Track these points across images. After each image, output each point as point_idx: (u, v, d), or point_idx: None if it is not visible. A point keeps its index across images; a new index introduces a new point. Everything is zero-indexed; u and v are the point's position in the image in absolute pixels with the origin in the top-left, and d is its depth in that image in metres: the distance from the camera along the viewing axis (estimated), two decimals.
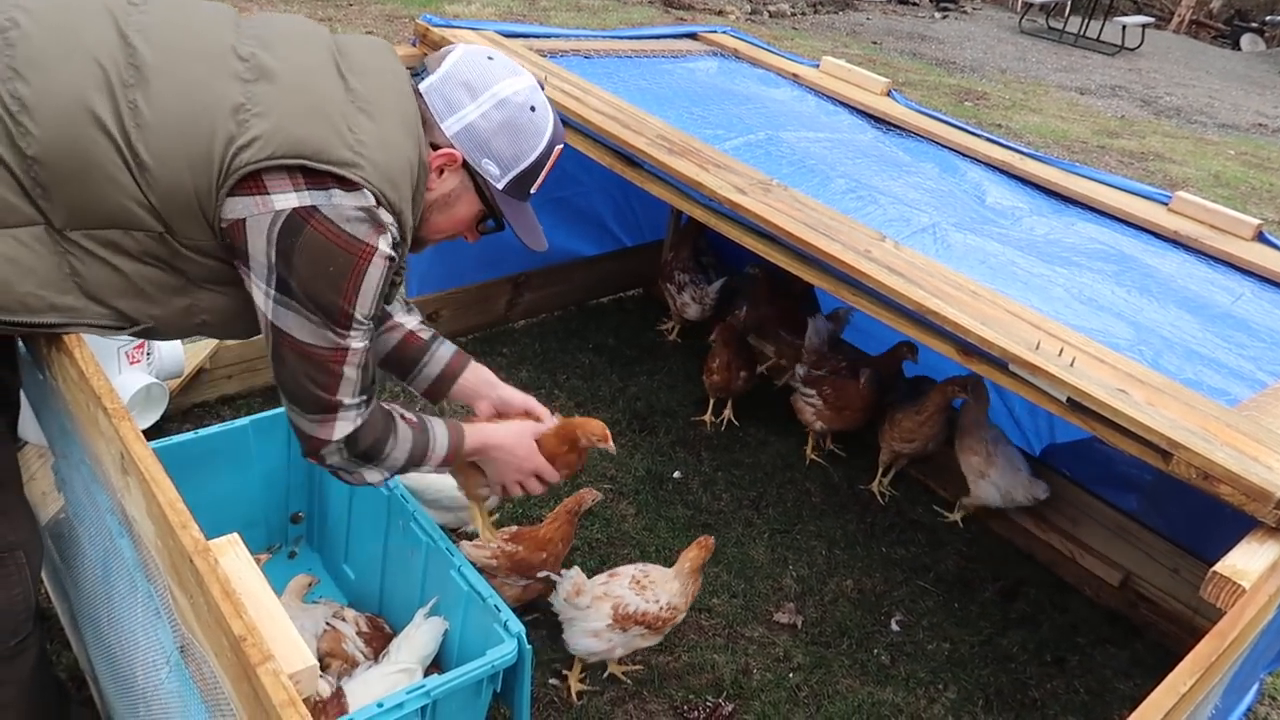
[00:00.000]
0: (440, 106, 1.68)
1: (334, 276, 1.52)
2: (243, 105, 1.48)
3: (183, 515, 1.29)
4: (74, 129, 1.42)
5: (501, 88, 1.68)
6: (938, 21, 13.87)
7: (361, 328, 1.59)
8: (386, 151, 1.55)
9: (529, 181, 1.77)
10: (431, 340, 2.15)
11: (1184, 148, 9.18)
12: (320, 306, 1.54)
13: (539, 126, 1.72)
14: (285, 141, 1.47)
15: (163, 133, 1.46)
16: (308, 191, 1.49)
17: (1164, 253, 2.73)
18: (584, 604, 2.42)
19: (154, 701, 1.59)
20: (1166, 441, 1.76)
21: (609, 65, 3.38)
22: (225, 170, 1.46)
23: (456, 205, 1.76)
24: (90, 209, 1.47)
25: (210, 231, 1.52)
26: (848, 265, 2.17)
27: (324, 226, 1.49)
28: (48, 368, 1.72)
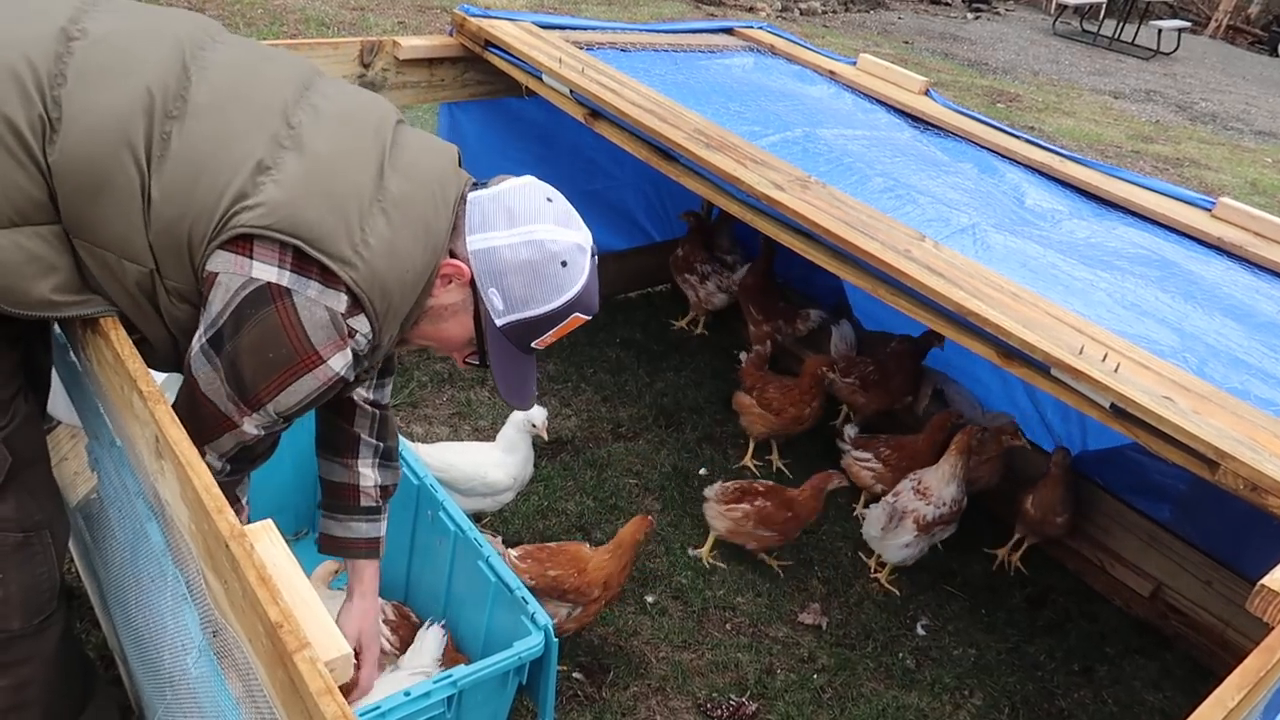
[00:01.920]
0: (475, 220, 1.59)
1: (270, 364, 1.46)
2: (268, 168, 1.44)
3: (218, 500, 1.28)
4: (103, 147, 1.41)
5: (542, 230, 1.57)
6: (970, 22, 13.75)
7: (266, 419, 1.54)
8: (391, 259, 1.48)
9: (533, 333, 1.63)
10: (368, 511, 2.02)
11: (1220, 154, 9.05)
12: (239, 381, 1.48)
13: (562, 283, 1.58)
14: (290, 218, 1.42)
15: (180, 170, 1.43)
16: (290, 273, 1.43)
17: (1207, 259, 2.68)
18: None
19: (181, 685, 1.58)
20: (1214, 451, 1.72)
21: (645, 59, 3.35)
22: (223, 223, 1.42)
23: (449, 321, 1.65)
24: (92, 225, 1.45)
25: (194, 278, 1.48)
26: (887, 265, 2.14)
27: (286, 315, 1.43)
28: (82, 349, 1.72)
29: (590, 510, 3.16)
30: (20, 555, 1.65)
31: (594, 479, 3.30)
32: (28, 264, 1.44)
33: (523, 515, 3.07)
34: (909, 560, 3.03)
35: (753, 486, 3.02)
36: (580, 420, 3.59)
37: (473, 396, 3.54)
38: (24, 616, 1.70)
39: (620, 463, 3.41)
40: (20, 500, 1.63)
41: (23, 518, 1.64)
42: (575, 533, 3.06)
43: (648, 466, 3.42)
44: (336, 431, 1.99)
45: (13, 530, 1.63)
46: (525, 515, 3.07)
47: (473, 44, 3.16)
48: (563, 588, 2.44)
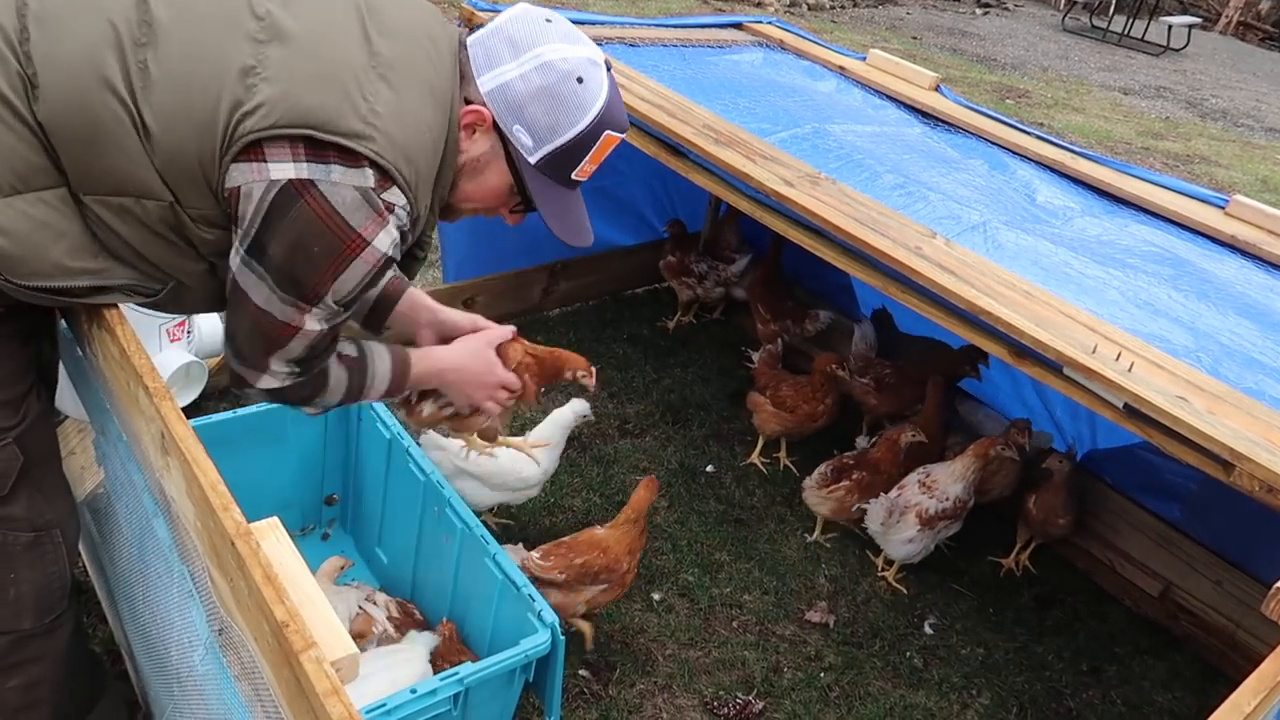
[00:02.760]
0: (480, 60, 1.53)
1: (316, 258, 1.42)
2: (252, 68, 1.38)
3: (224, 497, 1.27)
4: (84, 93, 1.36)
5: (549, 50, 1.51)
6: (979, 18, 13.68)
7: (326, 311, 1.49)
8: (404, 123, 1.43)
9: (569, 163, 1.57)
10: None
11: (1230, 151, 9.00)
12: (292, 281, 1.44)
13: (583, 101, 1.52)
14: (291, 110, 1.37)
15: (168, 96, 1.37)
16: (306, 164, 1.38)
17: (1221, 257, 2.65)
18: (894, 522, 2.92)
19: (188, 682, 1.58)
20: (1229, 452, 1.70)
21: (654, 54, 3.33)
22: (229, 138, 1.38)
23: (486, 172, 1.60)
24: (101, 175, 1.40)
25: (215, 200, 1.44)
26: (898, 262, 2.12)
27: (318, 204, 1.39)
28: (88, 344, 1.71)
29: (597, 507, 3.15)
30: (31, 554, 1.64)
31: (600, 475, 3.29)
32: (36, 231, 1.40)
33: (529, 512, 3.06)
34: (914, 557, 3.01)
35: (844, 462, 3.12)
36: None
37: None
38: (35, 616, 1.69)
39: (627, 459, 3.40)
40: (32, 499, 1.62)
41: (34, 517, 1.63)
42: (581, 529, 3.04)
43: (654, 463, 3.41)
44: None
45: (24, 530, 1.62)
46: (531, 512, 3.07)
47: None
48: (594, 571, 2.45)
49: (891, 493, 3.00)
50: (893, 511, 2.94)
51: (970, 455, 3.00)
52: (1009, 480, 3.20)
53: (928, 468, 3.04)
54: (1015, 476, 3.21)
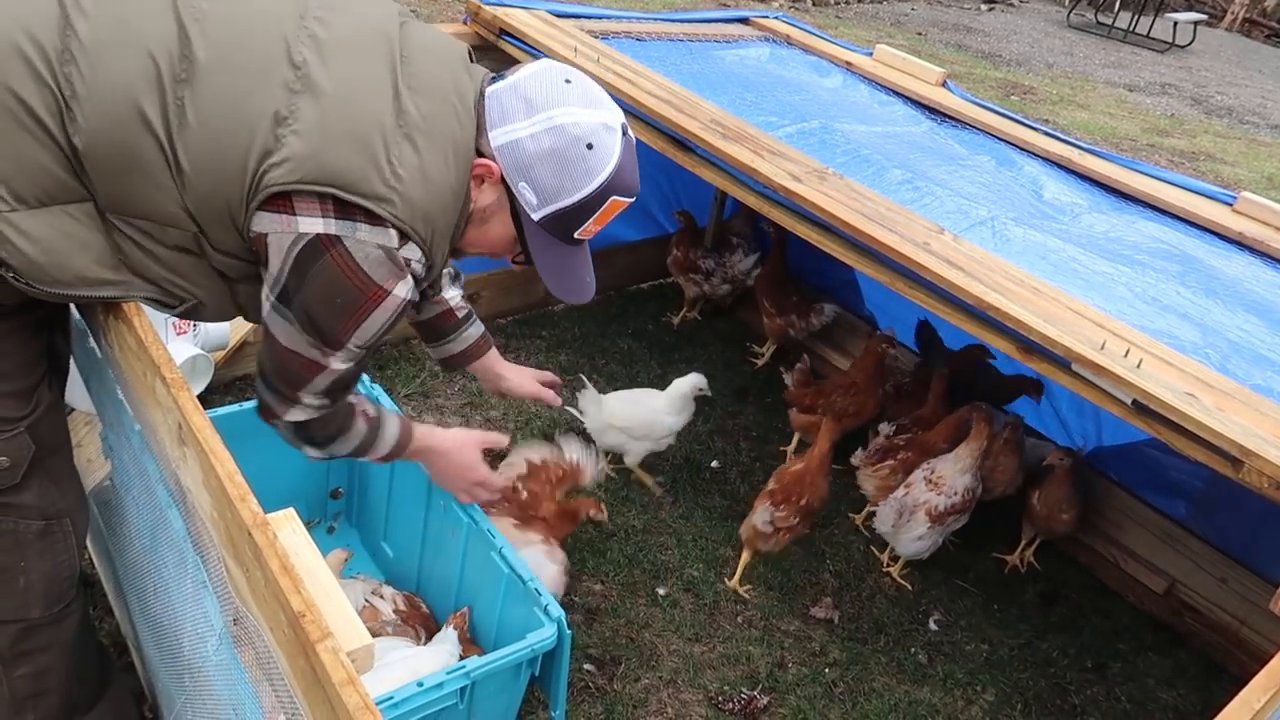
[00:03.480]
0: (495, 114, 1.56)
1: (340, 308, 1.49)
2: (285, 119, 1.41)
3: (242, 488, 1.28)
4: (121, 126, 1.39)
5: (562, 113, 1.53)
6: (984, 14, 13.65)
7: (350, 354, 1.57)
8: (426, 185, 1.48)
9: (572, 224, 1.60)
10: (465, 319, 2.24)
11: (1236, 148, 8.98)
12: (317, 328, 1.52)
13: (592, 167, 1.54)
14: (317, 168, 1.41)
15: (202, 138, 1.41)
16: (335, 220, 1.44)
17: (1229, 254, 2.66)
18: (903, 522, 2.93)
19: (200, 673, 1.58)
20: (1237, 449, 1.70)
21: (661, 48, 3.33)
22: (255, 185, 1.42)
23: (491, 222, 1.64)
24: (128, 201, 1.44)
25: (240, 239, 1.48)
26: (906, 258, 2.12)
27: (343, 260, 1.45)
28: (104, 335, 1.72)
29: (602, 502, 3.15)
30: (42, 543, 1.65)
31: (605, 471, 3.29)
32: (60, 241, 1.43)
33: None
34: (924, 553, 3.02)
35: (893, 443, 3.17)
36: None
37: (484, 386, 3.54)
38: (44, 605, 1.70)
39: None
40: (43, 488, 1.63)
41: (45, 506, 1.64)
42: (586, 525, 3.04)
43: (660, 458, 3.41)
44: None
45: (34, 518, 1.63)
46: None
47: (487, 32, 3.14)
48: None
49: (898, 492, 3.00)
50: (902, 512, 2.94)
51: (972, 441, 2.99)
52: (1009, 478, 3.19)
53: (931, 463, 3.04)
54: (1017, 474, 3.19)
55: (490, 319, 3.92)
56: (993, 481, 3.14)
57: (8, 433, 1.54)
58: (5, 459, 1.54)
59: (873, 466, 3.16)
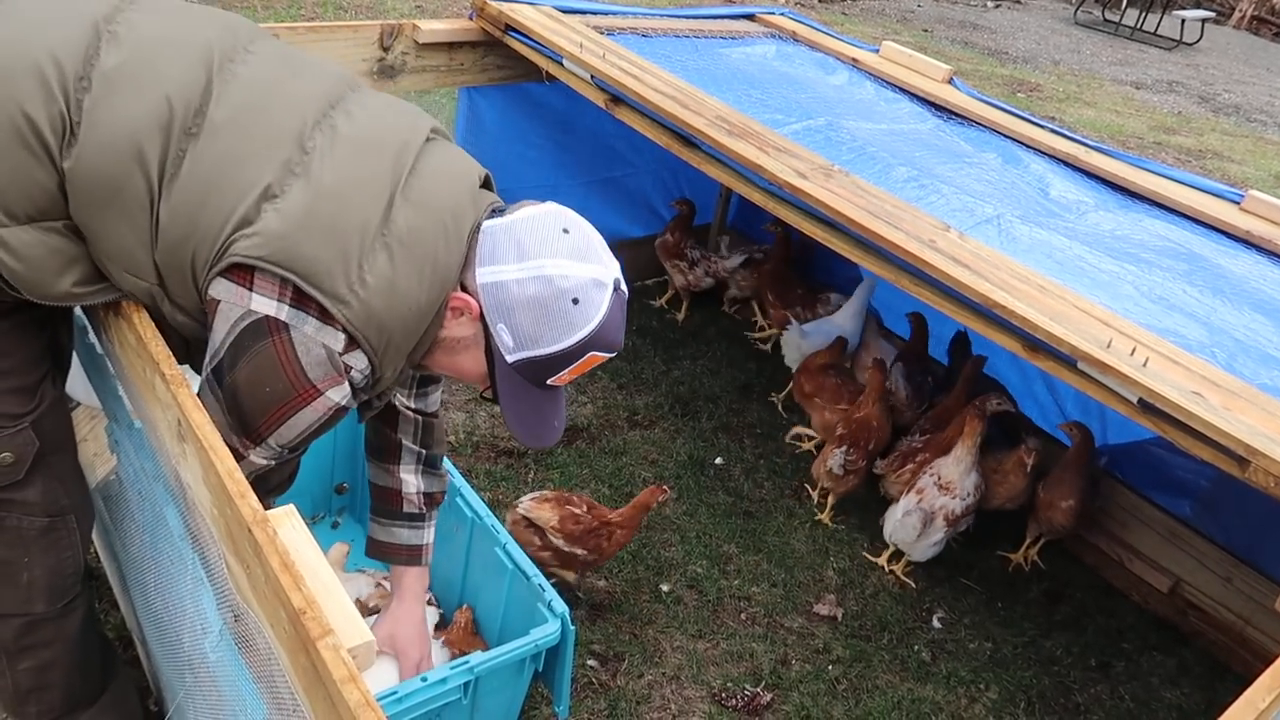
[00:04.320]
0: (485, 252, 1.52)
1: (267, 398, 1.44)
2: (274, 195, 1.40)
3: (241, 484, 1.28)
4: (116, 161, 1.38)
5: (551, 265, 1.48)
6: (990, 11, 13.61)
7: (270, 451, 1.52)
8: (390, 297, 1.42)
9: (547, 371, 1.54)
10: (409, 518, 2.04)
11: (1243, 146, 8.95)
12: (239, 413, 1.46)
13: (574, 321, 1.49)
14: (284, 251, 1.37)
15: (189, 192, 1.39)
16: (289, 307, 1.40)
17: (1236, 253, 2.64)
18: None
19: (200, 669, 1.58)
20: (1244, 448, 1.69)
21: (666, 45, 3.32)
22: (222, 249, 1.39)
23: (461, 354, 1.60)
24: (99, 237, 1.43)
25: (197, 297, 1.46)
26: (912, 255, 2.11)
27: (283, 349, 1.40)
28: (104, 332, 1.72)
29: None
30: (45, 540, 1.66)
31: (610, 467, 3.30)
32: (50, 258, 1.42)
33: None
34: (934, 554, 3.02)
35: (912, 446, 3.18)
36: (596, 408, 3.58)
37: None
38: (48, 600, 1.71)
39: (636, 451, 3.40)
40: (47, 485, 1.63)
41: (48, 503, 1.64)
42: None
43: (664, 455, 3.41)
44: (381, 437, 1.99)
45: (38, 515, 1.63)
46: None
47: (493, 28, 3.14)
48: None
49: (909, 499, 2.97)
50: (926, 521, 2.93)
51: (965, 440, 2.96)
52: (1013, 495, 3.09)
53: (934, 467, 3.02)
54: (1022, 494, 3.10)
55: None
56: (994, 494, 3.07)
57: (11, 428, 1.54)
58: (9, 455, 1.54)
59: (895, 472, 3.15)
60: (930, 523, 2.92)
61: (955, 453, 2.98)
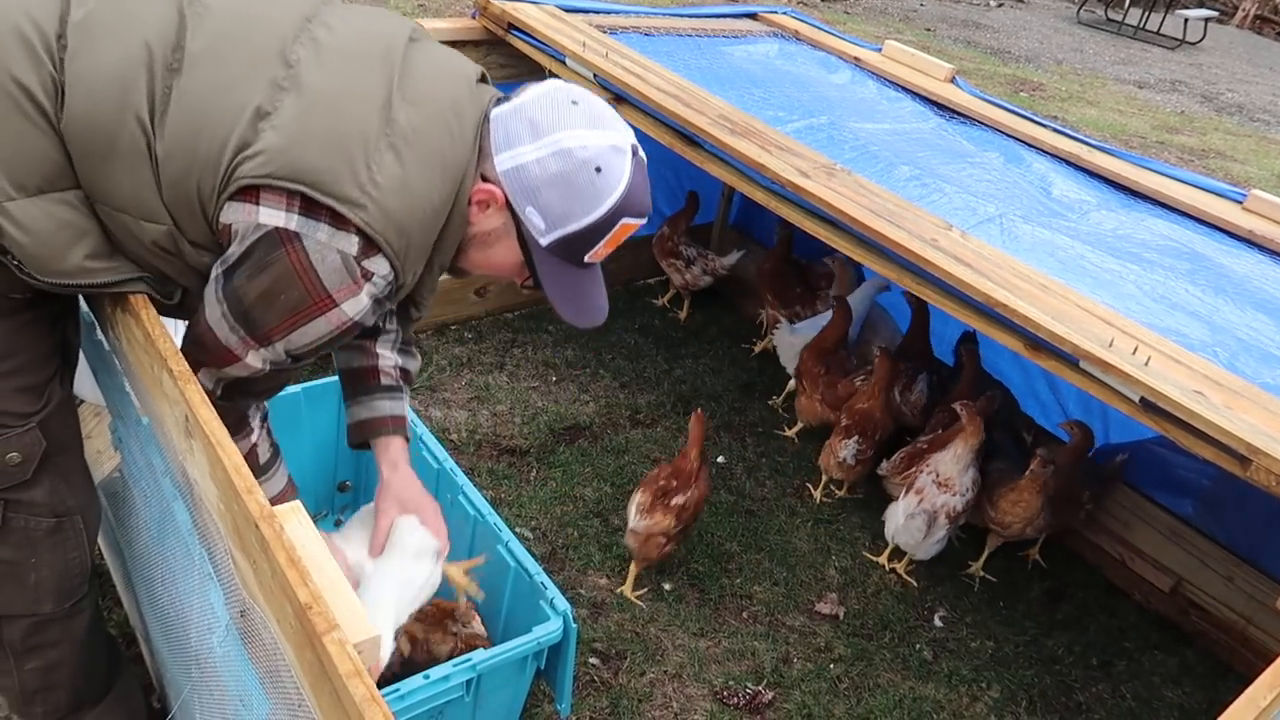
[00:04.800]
0: (499, 139, 1.51)
1: (281, 304, 1.43)
2: (267, 114, 1.39)
3: (248, 480, 1.28)
4: (106, 110, 1.37)
5: (568, 137, 1.48)
6: (993, 10, 13.60)
7: (273, 355, 1.50)
8: (404, 196, 1.41)
9: (582, 247, 1.54)
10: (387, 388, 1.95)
11: (1246, 146, 8.94)
12: (248, 317, 1.45)
13: (600, 191, 1.49)
14: (289, 165, 1.37)
15: (182, 125, 1.38)
16: (297, 216, 1.39)
17: (1238, 252, 2.65)
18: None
19: (206, 664, 1.59)
20: (1245, 447, 1.70)
21: (669, 44, 3.33)
22: (227, 176, 1.38)
23: (495, 247, 1.59)
24: (109, 189, 1.41)
25: (210, 231, 1.45)
26: (914, 254, 2.12)
27: (298, 258, 1.39)
28: (111, 328, 1.72)
29: (608, 496, 3.16)
30: (52, 540, 1.65)
31: (612, 465, 3.30)
32: (59, 231, 1.41)
33: (540, 501, 3.07)
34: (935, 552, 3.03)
35: (918, 448, 3.17)
36: (598, 406, 3.58)
37: (491, 380, 3.55)
38: (55, 600, 1.71)
39: (638, 449, 3.40)
40: (54, 485, 1.63)
41: (55, 503, 1.64)
42: (593, 518, 3.06)
43: (666, 454, 3.41)
44: None
45: (45, 515, 1.63)
46: (543, 501, 3.08)
47: (495, 27, 3.15)
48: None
49: (909, 501, 2.96)
50: (931, 522, 2.94)
51: (964, 435, 2.94)
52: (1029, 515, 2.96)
53: (930, 464, 3.00)
54: (1039, 514, 2.97)
55: (497, 314, 3.93)
56: (1010, 516, 2.97)
57: (19, 428, 1.53)
58: (16, 455, 1.54)
59: (900, 475, 3.15)
60: (934, 522, 2.93)
61: (954, 449, 2.95)
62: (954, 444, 2.96)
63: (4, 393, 1.50)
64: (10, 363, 1.51)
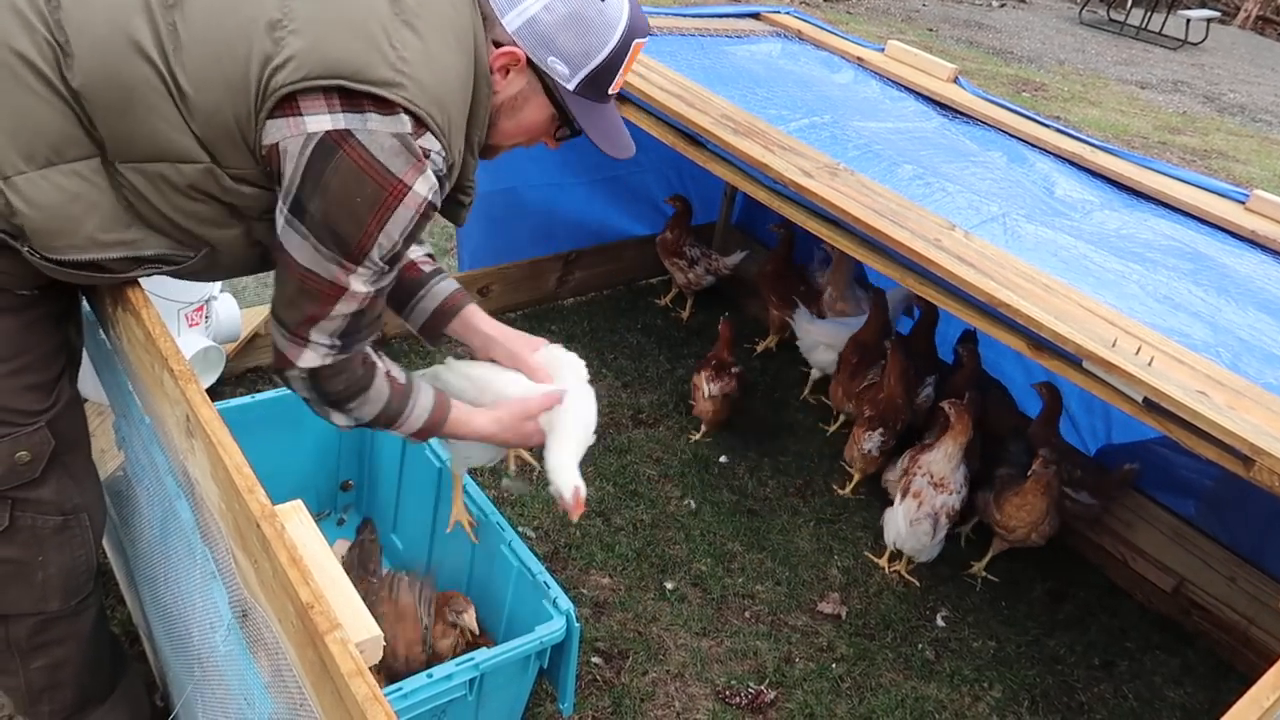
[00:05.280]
0: (500, 2, 1.53)
1: (359, 208, 1.40)
2: (279, 21, 1.36)
3: (249, 479, 1.28)
4: (115, 57, 1.35)
5: None
6: (995, 10, 13.59)
7: (372, 269, 1.47)
8: (433, 69, 1.42)
9: (605, 80, 1.59)
10: (432, 274, 1.96)
11: (1248, 146, 8.93)
12: (336, 237, 1.42)
13: (610, 19, 1.54)
14: (321, 61, 1.35)
15: (200, 56, 1.36)
16: (342, 114, 1.37)
17: (1241, 252, 2.64)
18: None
19: (209, 663, 1.59)
20: (1249, 447, 1.69)
21: (671, 43, 3.32)
22: (262, 93, 1.36)
23: (525, 109, 1.62)
24: (136, 141, 1.39)
25: (253, 159, 1.42)
26: (917, 254, 2.11)
27: (358, 153, 1.37)
28: (112, 327, 1.72)
29: (610, 496, 3.16)
30: (59, 538, 1.66)
31: (615, 465, 3.30)
32: (69, 204, 1.39)
33: (542, 499, 3.07)
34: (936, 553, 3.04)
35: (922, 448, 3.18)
36: (601, 406, 3.55)
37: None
38: (62, 598, 1.71)
39: (641, 449, 3.40)
40: (61, 483, 1.63)
41: (62, 501, 1.64)
42: (595, 518, 3.06)
43: (669, 453, 3.42)
44: None
45: (52, 513, 1.63)
46: (545, 499, 3.07)
47: None
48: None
49: (909, 506, 2.95)
50: (936, 523, 2.93)
51: (953, 434, 2.95)
52: (1035, 519, 2.93)
53: (923, 464, 2.98)
54: (1044, 517, 2.93)
55: (499, 313, 3.91)
56: (1015, 520, 2.95)
57: (29, 426, 1.54)
58: (25, 453, 1.54)
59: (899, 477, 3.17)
60: (936, 524, 2.93)
61: (944, 448, 2.95)
62: (943, 442, 2.96)
63: (13, 391, 1.50)
64: (18, 361, 1.51)
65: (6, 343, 1.48)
